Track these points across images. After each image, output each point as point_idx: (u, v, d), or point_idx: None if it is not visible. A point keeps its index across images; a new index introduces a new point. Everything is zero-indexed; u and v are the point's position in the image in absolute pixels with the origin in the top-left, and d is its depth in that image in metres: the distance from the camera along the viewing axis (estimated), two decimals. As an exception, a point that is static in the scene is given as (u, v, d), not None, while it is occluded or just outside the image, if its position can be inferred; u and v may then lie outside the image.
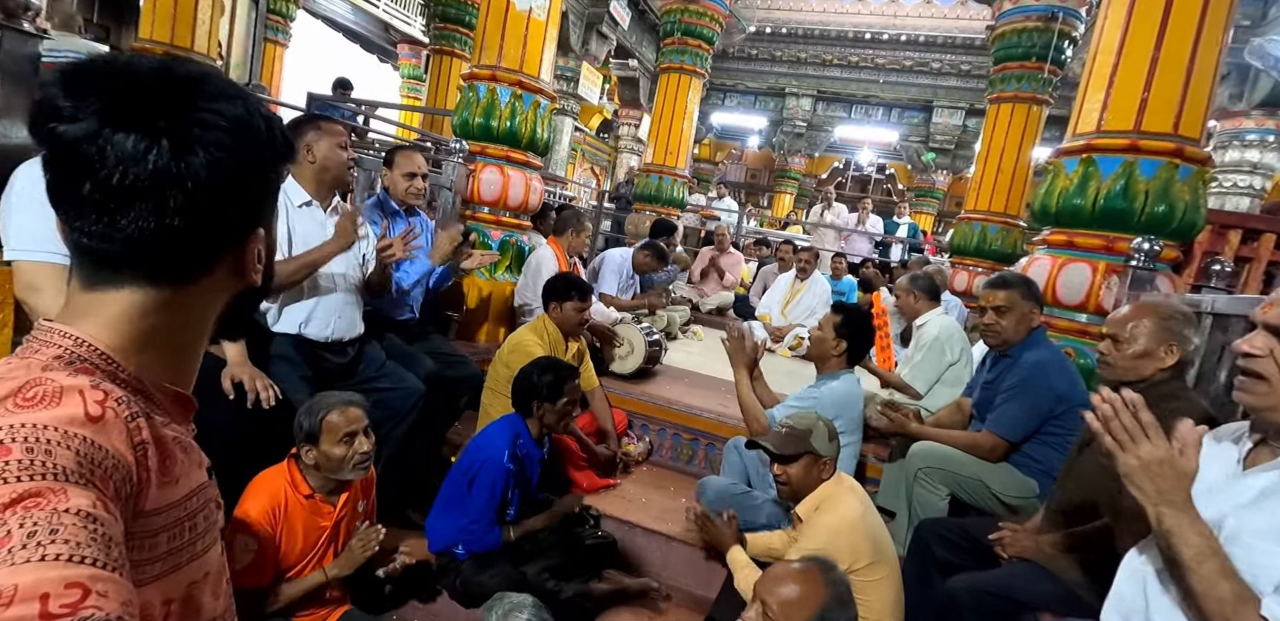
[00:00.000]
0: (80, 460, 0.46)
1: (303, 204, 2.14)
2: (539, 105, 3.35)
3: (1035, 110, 5.15)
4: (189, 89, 0.54)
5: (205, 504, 0.63)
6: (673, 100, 6.06)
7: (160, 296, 0.58)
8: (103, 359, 0.55)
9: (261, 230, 0.62)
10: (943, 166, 11.53)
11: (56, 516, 0.41)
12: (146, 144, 0.51)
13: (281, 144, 0.60)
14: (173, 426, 0.60)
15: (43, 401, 0.48)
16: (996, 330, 2.24)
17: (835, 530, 1.66)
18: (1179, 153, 2.51)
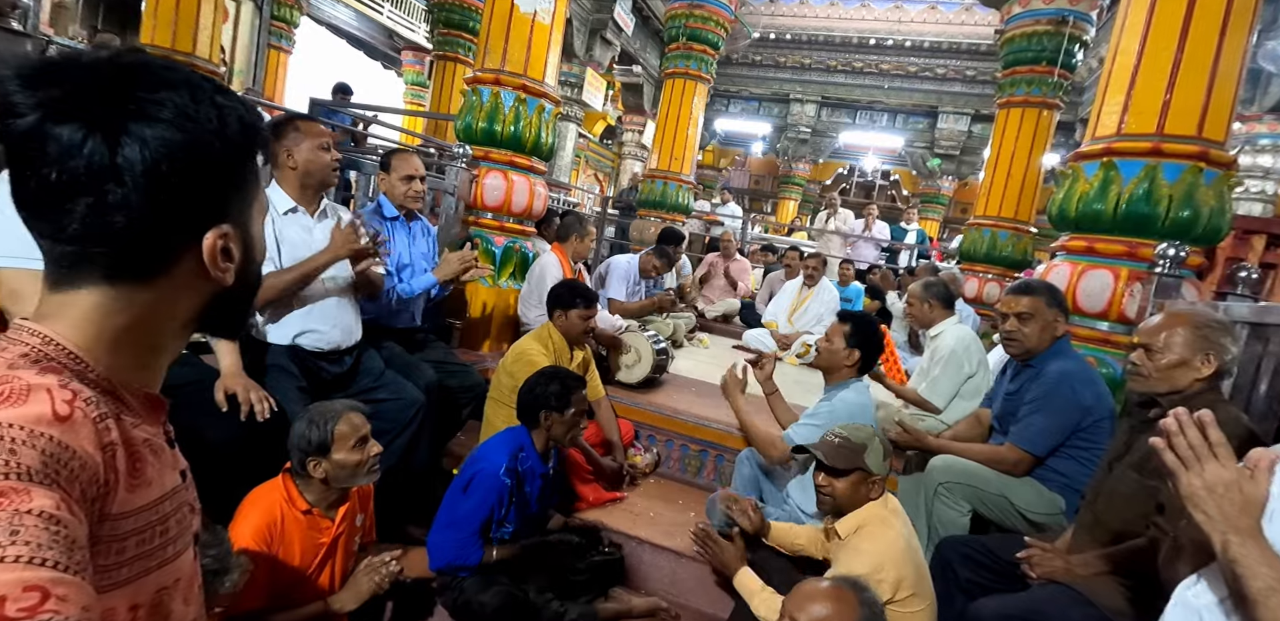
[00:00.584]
0: (46, 460, 0.46)
1: (288, 211, 2.07)
2: (543, 109, 3.29)
3: (1045, 114, 5.08)
4: (128, 79, 0.52)
5: (178, 508, 0.62)
6: (678, 105, 6.01)
7: (119, 295, 0.56)
8: (70, 358, 0.55)
9: (226, 226, 0.58)
10: (948, 172, 11.48)
11: (18, 517, 0.41)
12: (81, 137, 0.50)
13: (238, 134, 0.57)
14: (144, 427, 0.59)
15: (9, 399, 0.47)
16: (1018, 338, 2.16)
17: (880, 557, 1.57)
18: (1203, 156, 2.44)
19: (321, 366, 2.17)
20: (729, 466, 2.91)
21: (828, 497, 1.75)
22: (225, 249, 0.59)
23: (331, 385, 2.20)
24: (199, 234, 0.57)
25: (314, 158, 2.04)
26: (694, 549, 2.34)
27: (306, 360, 2.12)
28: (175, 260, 0.57)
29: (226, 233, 0.58)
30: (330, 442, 1.62)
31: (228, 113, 0.56)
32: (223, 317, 0.65)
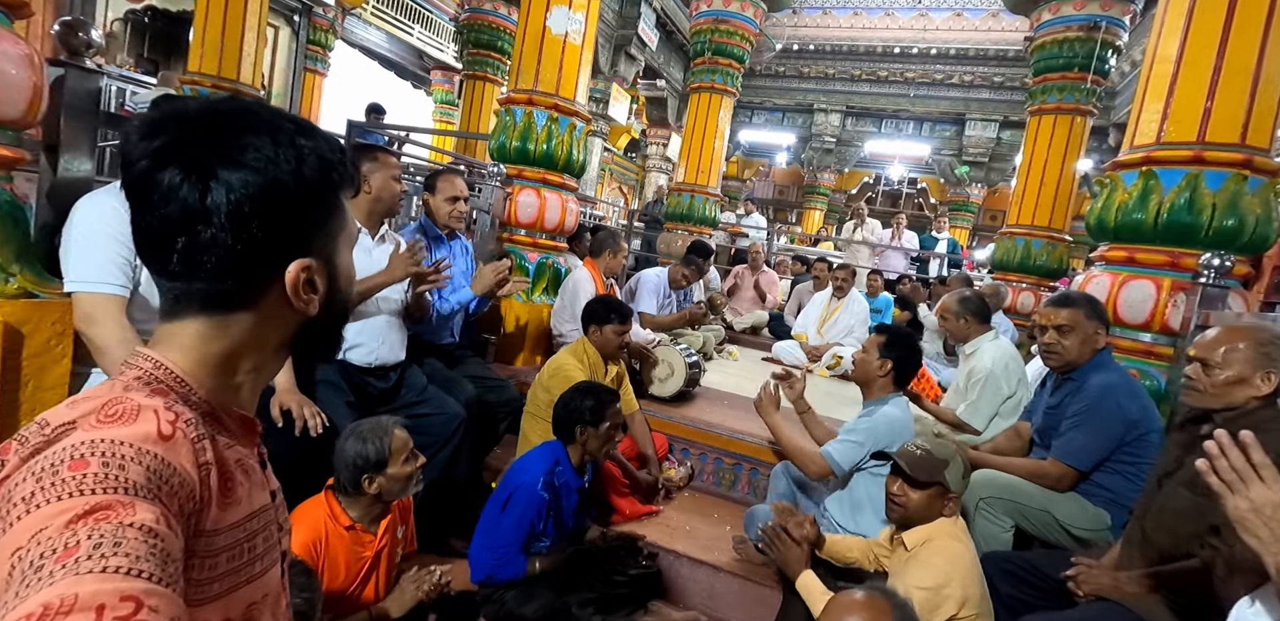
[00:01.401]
0: (150, 476, 0.49)
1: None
2: (574, 128, 3.37)
3: (1079, 121, 5.02)
4: (217, 127, 0.57)
5: (266, 525, 0.65)
6: (704, 119, 6.06)
7: (215, 324, 0.61)
8: (176, 381, 0.59)
9: (309, 260, 0.61)
10: (977, 180, 11.34)
11: (121, 530, 0.43)
12: (178, 182, 0.55)
13: (315, 173, 0.60)
14: (237, 448, 0.63)
15: (121, 418, 0.51)
16: (1058, 350, 2.14)
17: (949, 572, 1.56)
18: (1248, 163, 2.40)
19: (369, 382, 2.24)
20: (763, 480, 2.90)
21: (899, 508, 1.74)
22: (309, 281, 0.62)
23: (377, 400, 2.27)
24: (284, 267, 0.60)
25: (387, 186, 2.17)
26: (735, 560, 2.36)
27: (355, 376, 2.19)
28: (263, 292, 0.61)
29: (309, 266, 0.61)
30: (387, 456, 1.67)
31: (307, 153, 0.60)
32: (314, 344, 0.69)
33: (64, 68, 1.65)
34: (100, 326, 1.52)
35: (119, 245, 1.55)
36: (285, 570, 0.71)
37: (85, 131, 1.71)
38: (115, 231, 1.55)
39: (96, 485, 0.45)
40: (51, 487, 0.45)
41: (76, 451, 0.47)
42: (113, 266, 1.54)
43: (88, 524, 0.43)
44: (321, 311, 0.65)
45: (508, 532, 1.97)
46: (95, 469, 0.46)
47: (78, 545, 0.41)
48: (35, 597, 0.38)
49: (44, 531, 0.42)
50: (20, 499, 0.45)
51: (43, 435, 0.51)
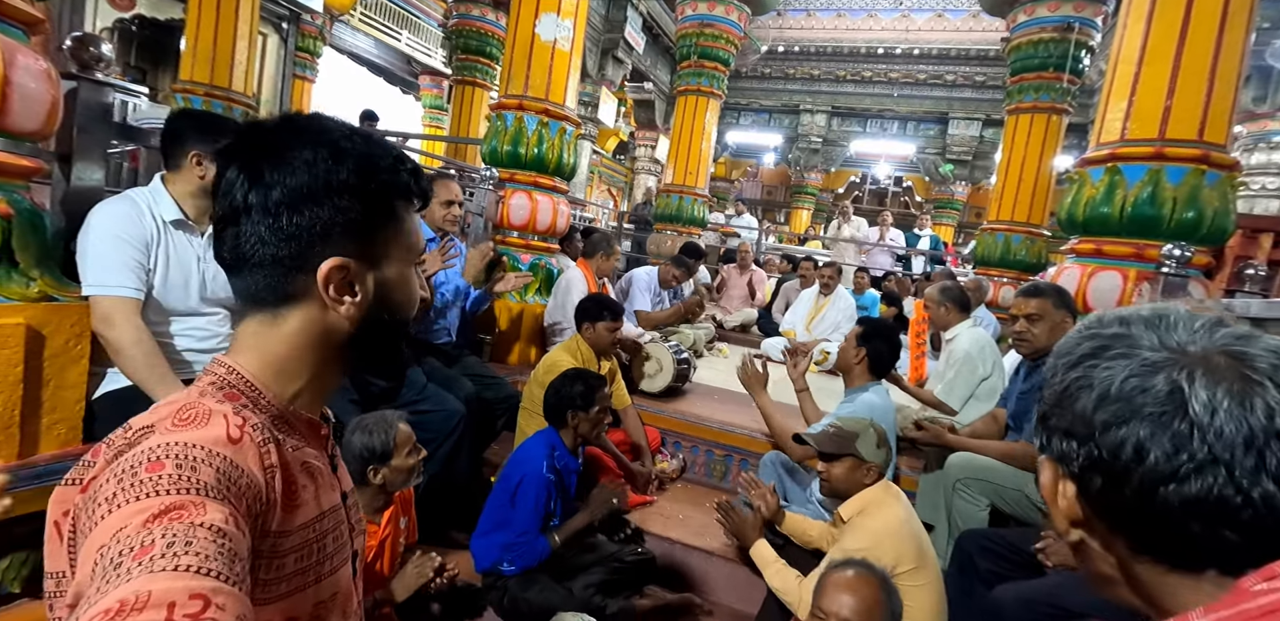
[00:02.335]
0: (220, 477, 0.51)
1: None
2: (565, 132, 3.46)
3: (1055, 119, 5.17)
4: (276, 132, 0.63)
5: (336, 526, 0.67)
6: (690, 121, 6.17)
7: (267, 322, 0.64)
8: (247, 386, 0.63)
9: (346, 261, 0.62)
10: (961, 177, 11.52)
11: (193, 529, 0.45)
12: (235, 177, 0.61)
13: (355, 180, 0.62)
14: (306, 450, 0.66)
15: (194, 422, 0.55)
16: (1028, 338, 2.25)
17: (879, 533, 1.68)
18: (1205, 159, 2.52)
19: (371, 380, 2.32)
20: (753, 470, 3.00)
21: (826, 483, 1.90)
22: (347, 282, 0.63)
23: (379, 398, 2.34)
24: (318, 266, 0.62)
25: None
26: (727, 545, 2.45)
27: (357, 374, 2.26)
28: (304, 290, 0.63)
29: (346, 266, 0.62)
30: (393, 448, 1.76)
31: (348, 157, 0.62)
32: (367, 353, 0.68)
33: (76, 81, 1.72)
34: (117, 328, 1.59)
35: (133, 249, 1.63)
36: (357, 569, 0.73)
37: (97, 142, 1.78)
38: (129, 236, 1.63)
39: (171, 486, 0.48)
40: (131, 488, 0.48)
41: (153, 453, 0.51)
42: (127, 270, 1.62)
43: (162, 523, 0.45)
44: (369, 320, 0.65)
45: (525, 519, 2.06)
46: (170, 470, 0.49)
47: (153, 544, 0.43)
48: (113, 593, 0.40)
49: (124, 530, 0.45)
50: (104, 498, 0.48)
51: (125, 438, 0.55)
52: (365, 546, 0.77)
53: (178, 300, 1.75)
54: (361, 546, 0.75)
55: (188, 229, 1.75)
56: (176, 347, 1.78)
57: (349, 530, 0.71)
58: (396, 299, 0.68)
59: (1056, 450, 0.51)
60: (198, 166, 1.70)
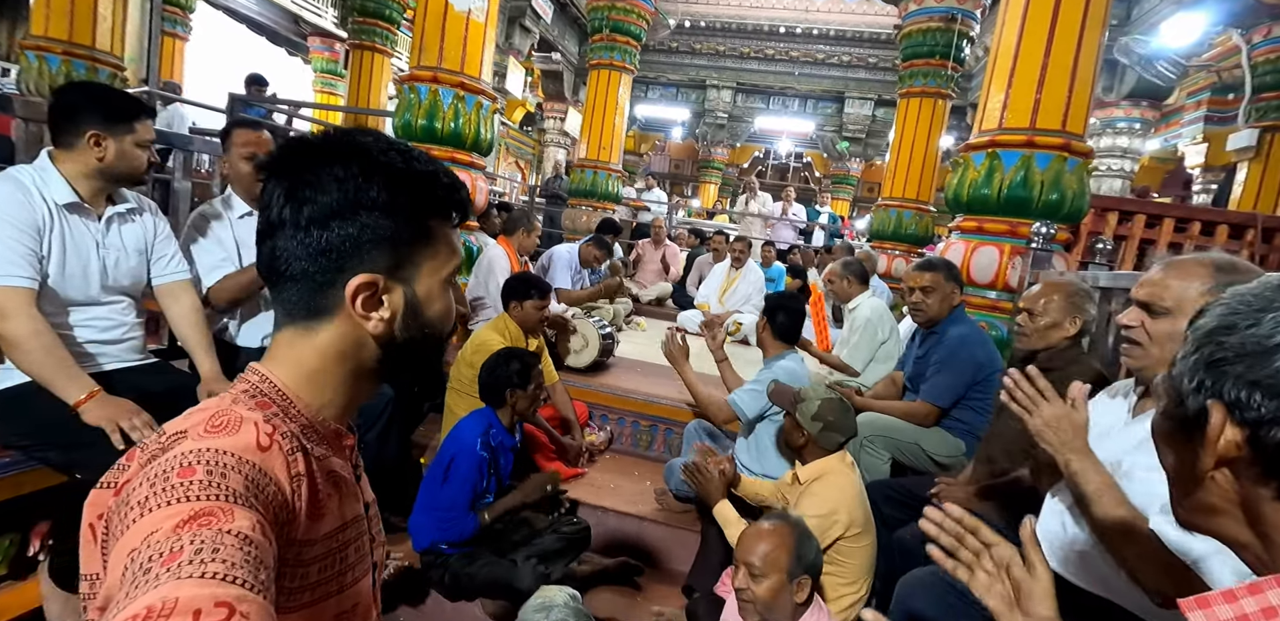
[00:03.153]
0: (248, 484, 0.52)
1: (244, 215, 2.13)
2: (481, 106, 3.38)
3: (940, 104, 5.58)
4: (315, 148, 0.64)
5: (358, 536, 0.68)
6: (604, 96, 6.15)
7: (300, 333, 0.65)
8: (279, 394, 0.64)
9: (376, 276, 0.63)
10: (856, 154, 12.15)
11: (220, 536, 0.46)
12: (272, 192, 0.63)
13: (387, 199, 0.62)
14: (333, 460, 0.66)
15: (225, 429, 0.56)
16: (922, 308, 2.50)
17: (837, 501, 1.86)
18: (1067, 147, 2.86)
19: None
20: (678, 438, 3.16)
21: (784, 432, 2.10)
22: (376, 298, 0.63)
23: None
24: (345, 281, 0.62)
25: (238, 167, 2.08)
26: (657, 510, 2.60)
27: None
28: (336, 305, 0.63)
29: (375, 282, 0.62)
30: None
31: (375, 177, 0.62)
32: (404, 368, 0.69)
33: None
34: (11, 321, 1.47)
35: (23, 235, 1.50)
36: (378, 581, 0.73)
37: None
38: (18, 220, 1.49)
39: (201, 491, 0.49)
40: (163, 492, 0.49)
41: (185, 459, 0.52)
42: (18, 258, 1.49)
43: (191, 529, 0.45)
44: (401, 335, 0.65)
45: (453, 495, 2.09)
46: (201, 476, 0.50)
47: (181, 550, 0.44)
48: (141, 599, 0.40)
49: (154, 534, 0.46)
50: (136, 502, 0.49)
51: (159, 443, 0.55)
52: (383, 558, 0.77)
53: (76, 289, 1.62)
54: (381, 558, 0.76)
55: (83, 212, 1.62)
56: (78, 339, 1.66)
57: (370, 541, 0.71)
58: (429, 315, 0.67)
59: (1231, 396, 0.52)
60: (95, 147, 1.56)
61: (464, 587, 2.16)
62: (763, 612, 1.49)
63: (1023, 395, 1.26)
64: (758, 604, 1.48)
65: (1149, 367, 1.27)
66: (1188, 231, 3.36)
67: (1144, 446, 1.27)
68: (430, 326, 0.68)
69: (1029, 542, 0.81)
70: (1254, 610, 0.48)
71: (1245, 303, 0.54)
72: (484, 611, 2.19)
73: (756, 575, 1.49)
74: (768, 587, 1.48)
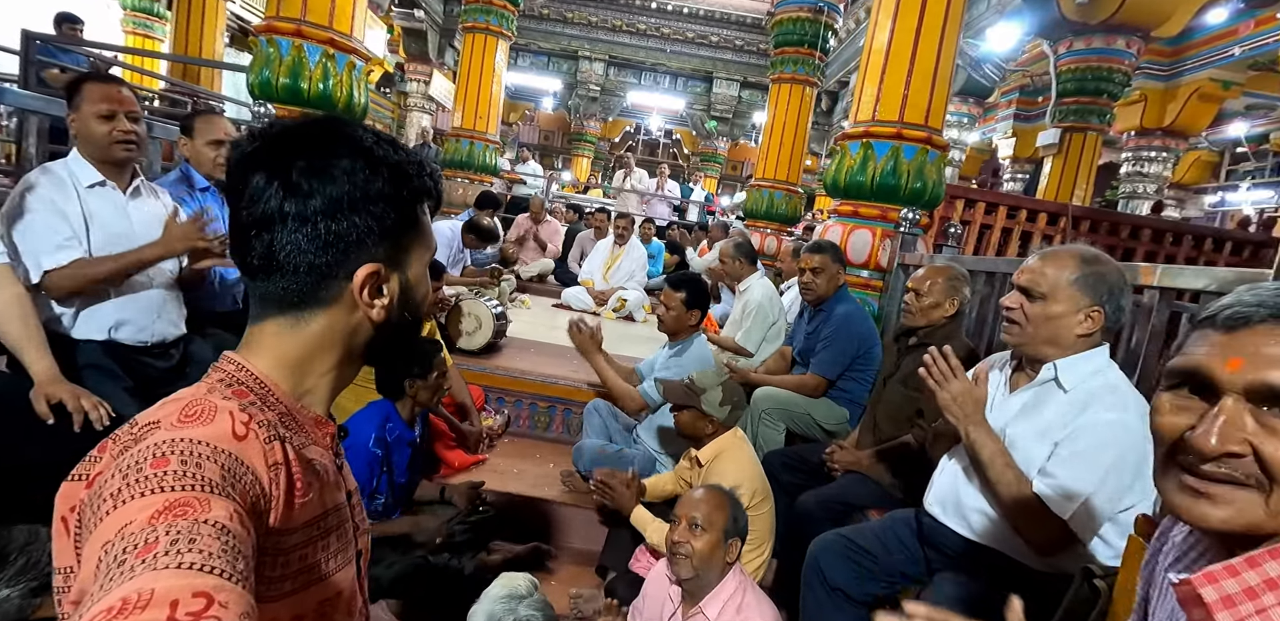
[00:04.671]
0: (224, 474, 0.51)
1: (94, 184, 1.79)
2: (354, 66, 3.06)
3: (808, 91, 5.90)
4: (306, 138, 0.62)
5: (340, 524, 0.68)
6: (479, 62, 5.81)
7: (289, 324, 0.64)
8: (256, 383, 0.63)
9: (379, 266, 0.64)
10: (723, 134, 12.57)
11: (197, 526, 0.45)
12: (263, 185, 0.60)
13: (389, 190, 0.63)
14: (313, 448, 0.66)
15: (199, 418, 0.55)
16: (813, 288, 2.68)
17: (738, 475, 1.96)
18: (929, 140, 3.15)
19: (146, 362, 1.94)
20: (576, 419, 3.17)
21: (678, 427, 2.15)
22: (377, 287, 0.65)
23: (160, 382, 1.98)
24: (353, 270, 0.63)
25: (91, 127, 1.74)
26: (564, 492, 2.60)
27: (129, 357, 1.89)
28: (333, 294, 0.64)
29: (378, 271, 0.64)
30: None
31: (383, 167, 0.63)
32: (386, 351, 0.70)
33: None
34: None
35: None
36: (362, 569, 0.73)
37: None
38: None
39: (175, 482, 0.48)
40: (136, 484, 0.48)
41: (158, 449, 0.50)
42: None
43: (166, 520, 0.45)
44: (390, 319, 0.67)
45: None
46: (175, 466, 0.49)
47: (156, 541, 0.43)
48: (116, 591, 0.39)
49: (129, 526, 0.45)
50: (109, 494, 0.48)
51: (130, 434, 0.54)
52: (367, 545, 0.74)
53: None
54: (366, 545, 0.74)
55: None
56: None
57: (353, 529, 0.71)
58: (416, 297, 0.70)
59: None
60: None
61: (374, 591, 2.03)
62: (697, 567, 1.55)
63: (938, 371, 1.40)
64: (694, 558, 1.54)
65: (1025, 344, 1.46)
66: (1017, 218, 3.87)
67: (1021, 416, 1.47)
68: (417, 308, 0.70)
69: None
70: (1257, 582, 0.54)
71: None
72: (388, 612, 2.09)
73: (697, 527, 1.55)
74: (706, 542, 1.55)
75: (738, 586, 1.62)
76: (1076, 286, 1.37)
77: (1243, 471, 0.56)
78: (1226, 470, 0.57)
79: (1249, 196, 10.72)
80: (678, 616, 1.66)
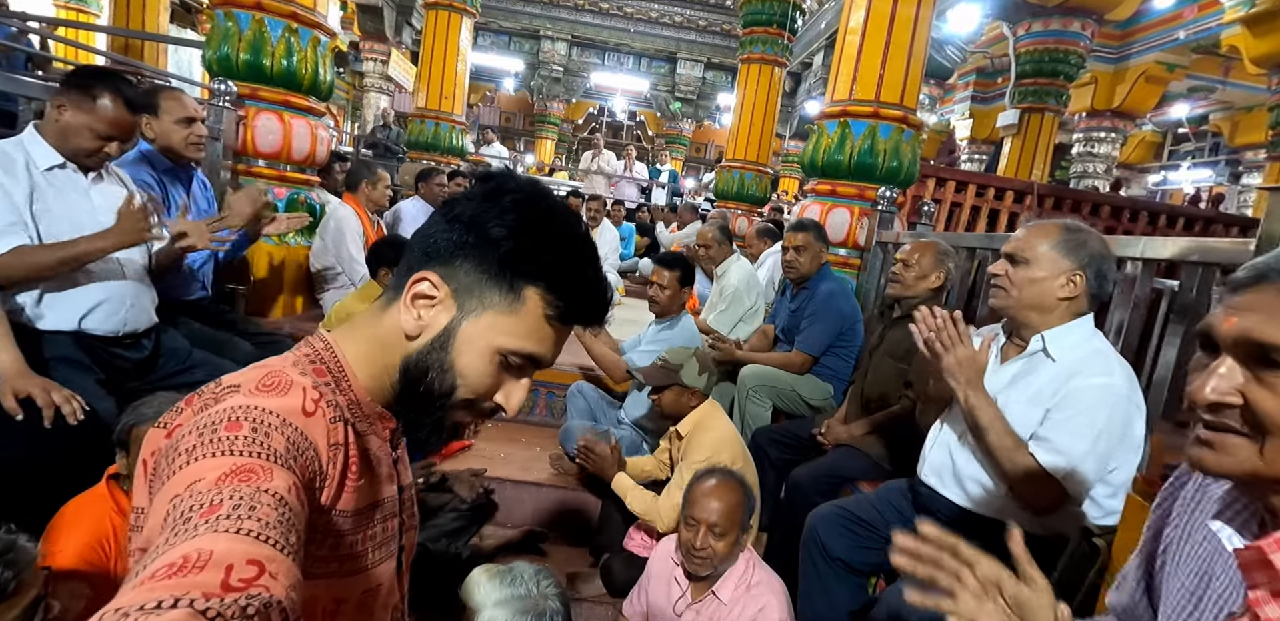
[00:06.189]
0: (289, 446, 0.53)
1: (53, 167, 1.68)
2: (318, 42, 2.92)
3: (777, 72, 5.89)
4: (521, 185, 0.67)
5: (388, 517, 0.69)
6: (443, 40, 5.63)
7: (379, 306, 0.67)
8: (337, 366, 0.65)
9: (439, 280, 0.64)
10: (688, 115, 12.52)
11: (258, 494, 0.47)
12: None
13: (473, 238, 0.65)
14: (371, 439, 0.67)
15: (276, 389, 0.57)
16: (796, 266, 2.71)
17: (717, 443, 1.97)
18: (904, 119, 3.19)
19: (117, 353, 1.85)
20: (560, 401, 3.15)
21: (658, 406, 2.14)
22: (427, 295, 0.64)
23: (132, 374, 1.89)
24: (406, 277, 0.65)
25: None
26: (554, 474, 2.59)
27: (99, 349, 1.79)
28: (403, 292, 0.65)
29: (433, 281, 0.64)
30: (128, 442, 1.41)
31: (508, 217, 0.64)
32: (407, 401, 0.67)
33: None
34: None
35: None
36: (404, 564, 0.73)
37: None
38: None
39: (245, 448, 0.50)
40: (209, 444, 0.50)
41: (234, 414, 0.53)
42: None
43: (232, 483, 0.47)
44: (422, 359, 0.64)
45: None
46: (246, 432, 0.51)
47: (220, 503, 0.45)
48: (178, 548, 0.41)
49: (197, 484, 0.47)
50: (184, 449, 0.50)
51: (214, 393, 0.57)
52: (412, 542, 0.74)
53: None
54: (410, 542, 0.75)
55: None
56: None
57: (400, 525, 0.71)
58: (456, 359, 0.64)
59: None
60: None
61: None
62: (716, 565, 1.57)
63: (946, 336, 1.43)
64: (715, 559, 1.55)
65: (1010, 307, 1.51)
66: (985, 195, 3.96)
67: (1014, 385, 1.51)
68: (448, 375, 0.64)
69: (1020, 555, 0.72)
70: None
71: None
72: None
73: (719, 533, 1.55)
74: (727, 543, 1.55)
75: (747, 566, 1.64)
76: (1058, 251, 1.42)
77: (1237, 421, 0.60)
78: (1223, 420, 0.61)
79: (1190, 175, 11.22)
80: (686, 598, 1.67)
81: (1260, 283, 0.61)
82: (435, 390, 0.65)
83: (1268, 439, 0.59)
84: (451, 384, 0.65)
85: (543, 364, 0.68)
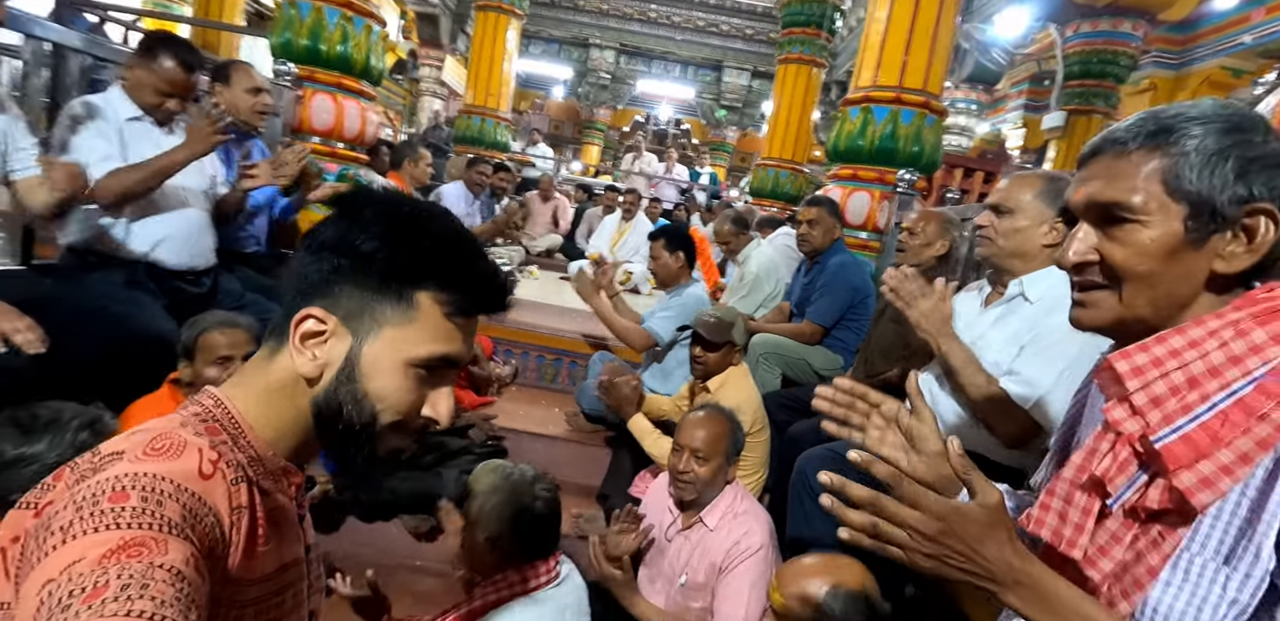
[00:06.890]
0: (185, 513, 0.49)
1: (131, 118, 1.94)
2: (371, 30, 3.19)
3: (815, 72, 5.98)
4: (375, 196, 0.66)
5: (296, 580, 0.65)
6: (491, 40, 5.93)
7: (264, 355, 0.63)
8: (231, 422, 0.60)
9: (324, 314, 0.60)
10: (733, 123, 12.64)
11: (151, 570, 0.42)
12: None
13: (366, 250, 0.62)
14: (276, 497, 0.63)
15: (167, 453, 0.52)
16: (809, 240, 2.79)
17: (742, 400, 2.08)
18: (927, 105, 3.24)
19: (180, 287, 2.09)
20: (581, 370, 3.29)
21: (702, 366, 2.21)
22: (316, 332, 0.60)
23: (192, 308, 2.12)
24: (292, 313, 0.61)
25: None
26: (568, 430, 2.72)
27: (166, 279, 2.03)
28: (286, 337, 0.61)
29: (320, 318, 0.60)
30: (194, 349, 1.61)
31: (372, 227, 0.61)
32: (332, 439, 0.63)
33: None
34: None
35: None
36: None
37: None
38: None
39: (133, 519, 0.45)
40: (90, 518, 0.45)
41: (119, 483, 0.47)
42: None
43: (119, 560, 0.42)
44: (330, 396, 0.61)
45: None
46: (135, 502, 0.46)
47: (106, 585, 0.40)
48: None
49: (76, 565, 0.42)
50: (59, 527, 0.45)
51: (91, 463, 0.51)
52: (320, 605, 0.73)
53: None
54: (319, 606, 0.71)
55: None
56: None
57: (308, 587, 0.67)
58: (367, 386, 0.61)
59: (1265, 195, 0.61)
60: None
61: (384, 504, 2.17)
62: (700, 491, 1.67)
63: (906, 291, 1.52)
64: (698, 483, 1.65)
65: (995, 255, 1.58)
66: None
67: (994, 327, 1.58)
68: (364, 403, 0.61)
69: (912, 392, 0.88)
70: (1163, 353, 0.64)
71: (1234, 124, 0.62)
72: (404, 527, 2.22)
73: (701, 458, 1.66)
74: (710, 469, 1.65)
75: (734, 497, 1.74)
76: (1041, 200, 1.49)
77: (1098, 275, 0.69)
78: (1088, 278, 0.69)
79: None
80: (678, 524, 1.78)
81: (1096, 155, 0.69)
82: (356, 422, 0.61)
83: (1124, 285, 0.67)
84: (371, 412, 0.61)
85: (460, 362, 0.65)
